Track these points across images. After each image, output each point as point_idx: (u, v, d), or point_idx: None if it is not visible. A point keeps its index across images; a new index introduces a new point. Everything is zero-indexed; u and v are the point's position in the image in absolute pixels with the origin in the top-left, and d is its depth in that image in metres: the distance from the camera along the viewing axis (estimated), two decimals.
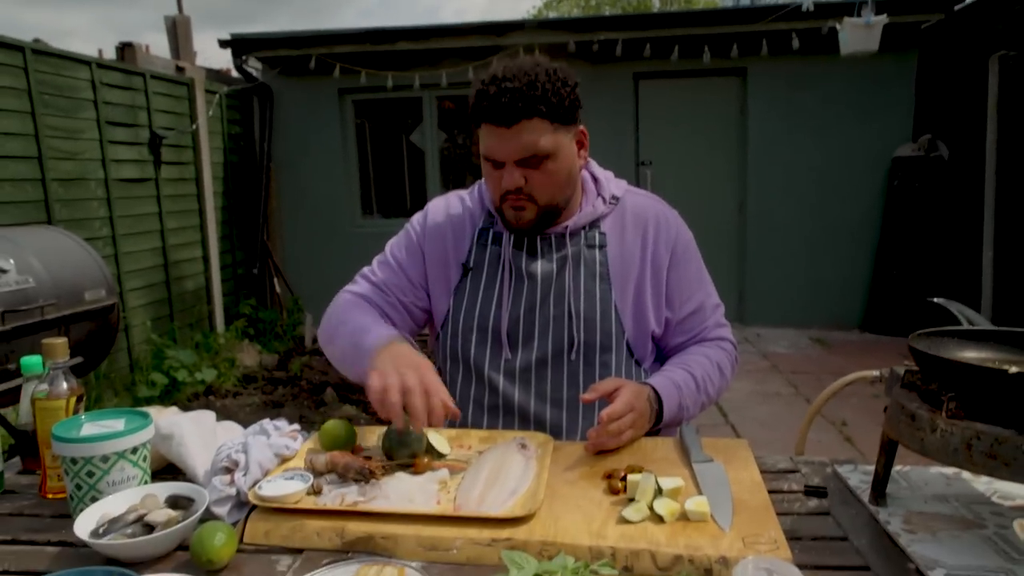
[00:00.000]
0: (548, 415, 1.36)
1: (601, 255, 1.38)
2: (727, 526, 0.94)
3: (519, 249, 1.39)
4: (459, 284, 1.41)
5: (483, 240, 1.41)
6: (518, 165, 1.27)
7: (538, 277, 1.37)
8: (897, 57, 5.66)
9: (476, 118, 1.29)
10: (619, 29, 5.89)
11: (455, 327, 1.40)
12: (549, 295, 1.36)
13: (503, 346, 1.37)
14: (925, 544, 0.94)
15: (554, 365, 1.36)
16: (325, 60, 6.05)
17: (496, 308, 1.37)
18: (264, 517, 1.00)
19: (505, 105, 1.23)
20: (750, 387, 4.40)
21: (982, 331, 1.09)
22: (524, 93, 1.23)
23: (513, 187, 1.28)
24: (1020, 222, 4.84)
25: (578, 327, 1.35)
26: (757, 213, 6.10)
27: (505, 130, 1.25)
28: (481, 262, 1.40)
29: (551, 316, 1.36)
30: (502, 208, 1.34)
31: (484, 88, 1.26)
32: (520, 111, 1.23)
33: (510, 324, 1.36)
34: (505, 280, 1.38)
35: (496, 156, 1.28)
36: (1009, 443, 0.84)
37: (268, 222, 6.52)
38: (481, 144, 1.31)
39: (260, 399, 4.59)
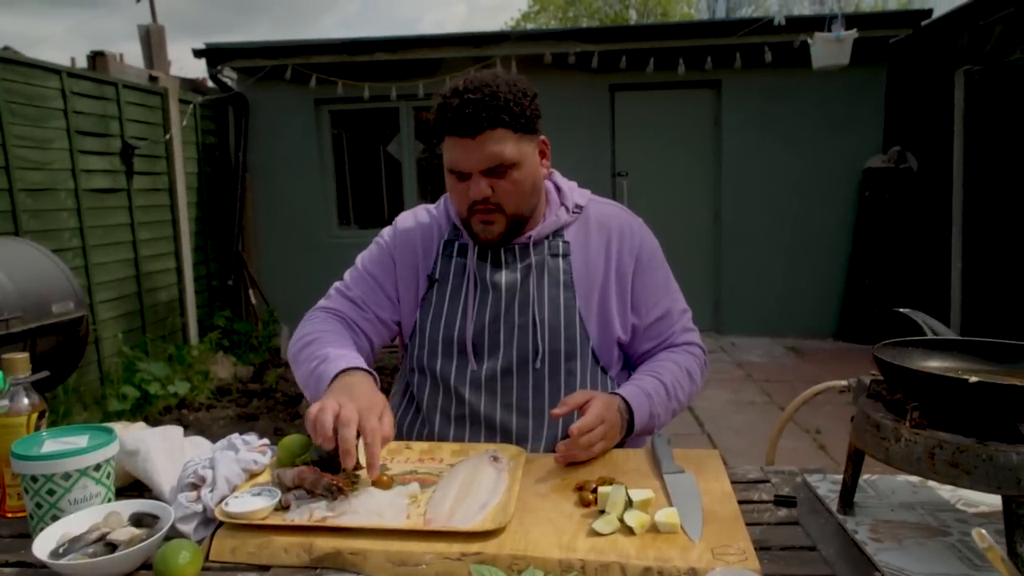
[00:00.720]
0: (515, 424, 1.35)
1: (565, 263, 1.39)
2: (697, 537, 0.94)
3: (483, 260, 1.40)
4: (425, 296, 1.42)
5: (448, 252, 1.42)
6: (484, 175, 1.29)
7: (502, 287, 1.37)
8: (867, 71, 5.77)
9: (440, 131, 1.30)
10: (595, 41, 5.94)
11: (422, 339, 1.40)
12: (513, 305, 1.37)
13: (469, 356, 1.37)
14: (891, 552, 0.95)
15: (519, 374, 1.36)
16: (301, 70, 6.03)
17: (461, 319, 1.37)
18: (231, 534, 0.98)
19: (468, 116, 1.24)
20: (725, 396, 4.43)
21: (946, 341, 1.11)
22: (487, 103, 1.25)
23: (480, 197, 1.29)
24: (987, 233, 4.95)
25: (542, 336, 1.35)
26: (732, 223, 6.17)
27: (470, 141, 1.26)
28: (447, 274, 1.41)
29: (516, 325, 1.36)
30: (470, 221, 1.35)
31: (446, 101, 1.28)
32: (483, 121, 1.25)
33: (475, 334, 1.37)
34: (470, 291, 1.38)
35: (461, 167, 1.29)
36: (970, 452, 0.85)
37: (243, 233, 6.46)
38: (445, 157, 1.32)
39: (234, 412, 4.53)
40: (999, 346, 1.06)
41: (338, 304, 1.45)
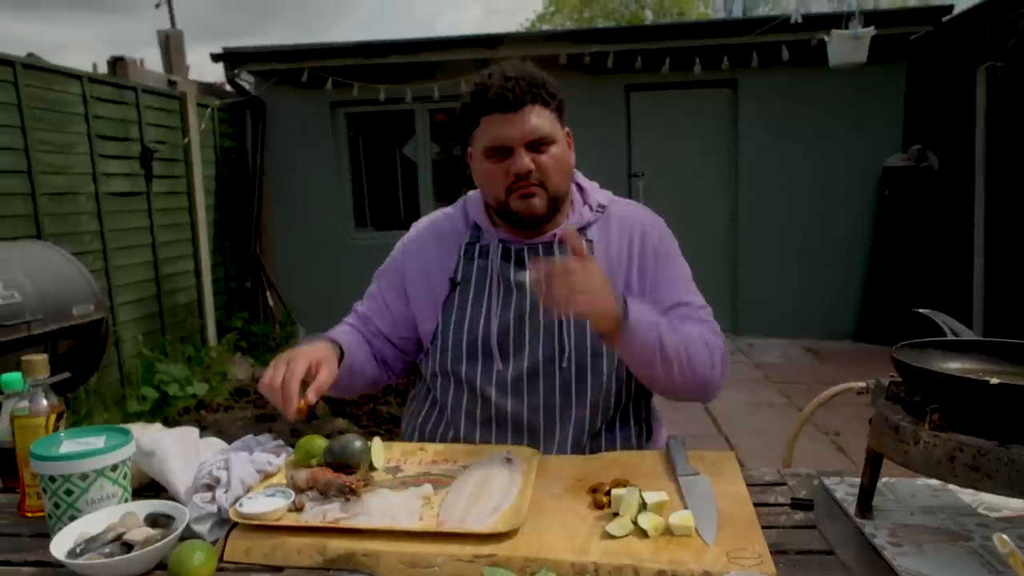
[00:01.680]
0: (542, 423, 1.35)
1: None
2: (711, 540, 0.93)
3: (507, 260, 1.39)
4: (447, 299, 1.41)
5: (470, 254, 1.42)
6: (527, 150, 1.31)
7: (526, 286, 1.37)
8: (886, 68, 5.70)
9: (477, 112, 1.32)
10: (610, 41, 5.92)
11: (445, 342, 1.39)
12: (538, 304, 1.36)
13: (494, 357, 1.36)
14: (911, 557, 0.93)
15: (546, 374, 1.35)
16: (317, 73, 6.06)
17: (485, 320, 1.37)
18: (245, 535, 0.99)
19: (511, 90, 1.28)
20: (743, 397, 4.39)
21: (966, 342, 1.09)
22: (528, 80, 1.30)
23: (524, 170, 1.30)
24: (1010, 231, 4.87)
25: (568, 334, 1.35)
26: (749, 223, 6.12)
27: (513, 115, 1.29)
28: (469, 276, 1.40)
29: (541, 325, 1.36)
30: (508, 202, 1.33)
31: (484, 83, 1.31)
32: (526, 94, 1.29)
33: (500, 335, 1.36)
34: (493, 291, 1.38)
35: (505, 142, 1.30)
36: (992, 455, 0.83)
37: (260, 235, 6.51)
38: (481, 138, 1.33)
39: (252, 413, 4.56)
40: (1019, 347, 1.04)
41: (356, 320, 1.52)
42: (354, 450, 1.13)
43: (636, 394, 1.42)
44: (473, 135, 1.35)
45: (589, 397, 1.35)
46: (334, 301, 6.07)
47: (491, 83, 1.30)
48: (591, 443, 1.36)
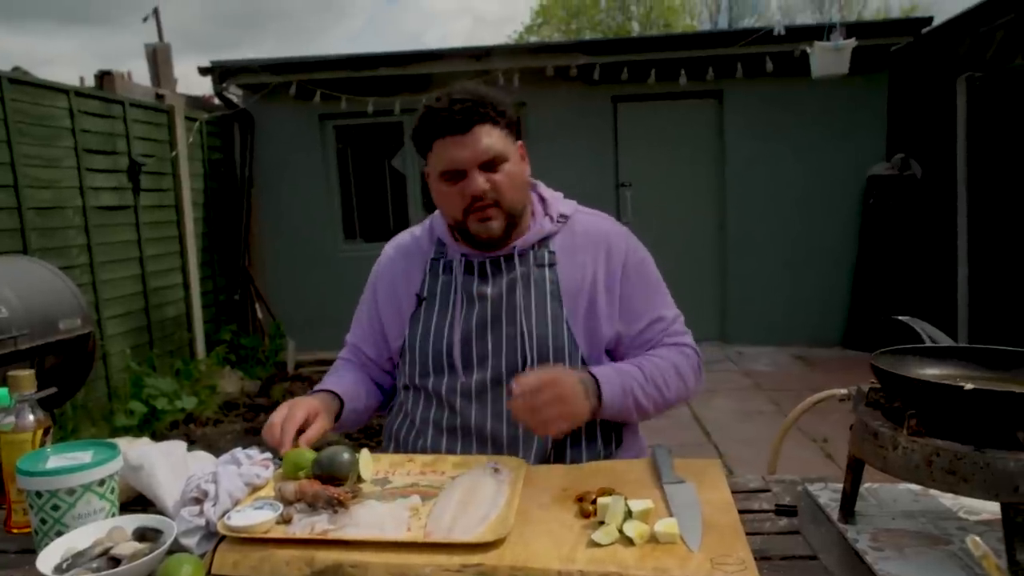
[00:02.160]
0: (505, 434, 1.36)
1: (551, 273, 1.40)
2: (696, 547, 0.94)
3: (470, 274, 1.41)
4: (414, 314, 1.44)
5: (435, 270, 1.45)
6: (480, 170, 1.32)
7: (488, 299, 1.39)
8: (869, 79, 5.78)
9: (429, 136, 1.34)
10: (597, 53, 5.97)
11: (412, 355, 1.42)
12: (500, 315, 1.38)
13: (457, 369, 1.38)
14: (892, 561, 0.95)
15: (509, 384, 1.36)
16: (306, 86, 6.08)
17: (448, 332, 1.39)
18: (233, 547, 0.99)
19: (459, 112, 1.30)
20: (732, 405, 4.42)
21: (944, 348, 1.11)
22: (475, 101, 1.32)
23: (479, 191, 1.32)
24: (993, 239, 4.93)
25: (530, 345, 1.36)
26: (737, 232, 6.17)
27: (463, 137, 1.31)
28: (434, 291, 1.44)
29: (503, 336, 1.37)
30: (466, 224, 1.36)
31: (433, 107, 1.33)
32: (474, 115, 1.31)
33: (463, 346, 1.38)
34: (457, 305, 1.40)
35: (458, 165, 1.32)
36: (967, 459, 0.85)
37: (249, 248, 6.49)
38: (435, 162, 1.35)
39: (241, 426, 4.54)
40: (997, 353, 1.06)
41: (346, 353, 1.59)
42: (342, 462, 1.13)
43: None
44: (428, 158, 1.37)
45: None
46: (323, 313, 6.11)
47: (440, 106, 1.32)
48: (555, 452, 1.37)
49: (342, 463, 1.13)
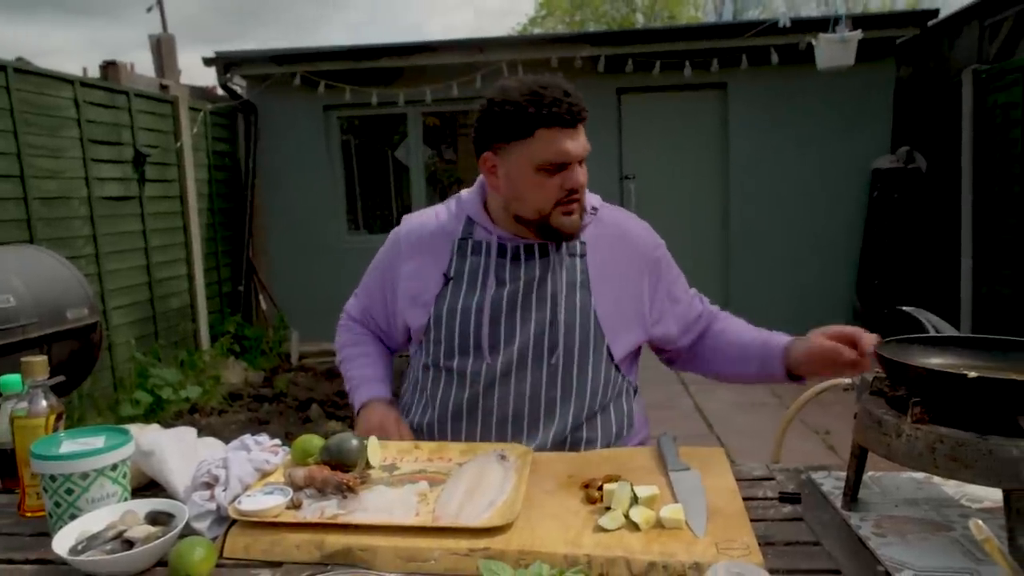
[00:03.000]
0: (527, 414, 1.38)
1: (582, 263, 1.42)
2: (701, 533, 0.95)
3: (501, 257, 1.42)
4: (440, 293, 1.43)
5: (463, 250, 1.44)
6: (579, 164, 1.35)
7: (520, 284, 1.40)
8: (874, 71, 5.76)
9: (535, 123, 1.29)
10: (601, 45, 5.96)
11: (437, 335, 1.42)
12: (531, 300, 1.39)
13: (484, 349, 1.39)
14: (894, 547, 0.96)
15: (534, 368, 1.39)
16: (309, 77, 6.08)
17: (477, 314, 1.39)
18: (244, 531, 1.00)
19: (570, 107, 1.29)
20: (734, 397, 4.43)
21: (947, 338, 1.12)
22: (577, 97, 1.32)
23: (580, 184, 1.34)
24: (996, 232, 4.92)
25: (559, 332, 1.38)
26: (741, 224, 6.16)
27: (571, 131, 1.31)
28: (462, 271, 1.43)
29: (533, 321, 1.39)
30: (550, 216, 1.35)
31: (542, 94, 1.29)
32: (582, 112, 1.32)
33: (492, 329, 1.39)
34: (488, 287, 1.40)
35: (566, 157, 1.31)
36: (970, 446, 0.86)
37: (253, 239, 6.51)
38: (536, 151, 1.30)
39: (246, 416, 4.57)
40: (1000, 342, 1.07)
41: (354, 311, 1.64)
42: (351, 448, 1.15)
43: (620, 391, 1.46)
44: (515, 144, 1.32)
45: (575, 392, 1.39)
46: (327, 304, 6.08)
47: (553, 95, 1.29)
48: (572, 436, 1.39)
49: (351, 450, 1.14)
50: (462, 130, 9.56)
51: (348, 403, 1.54)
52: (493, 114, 1.33)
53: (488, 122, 1.34)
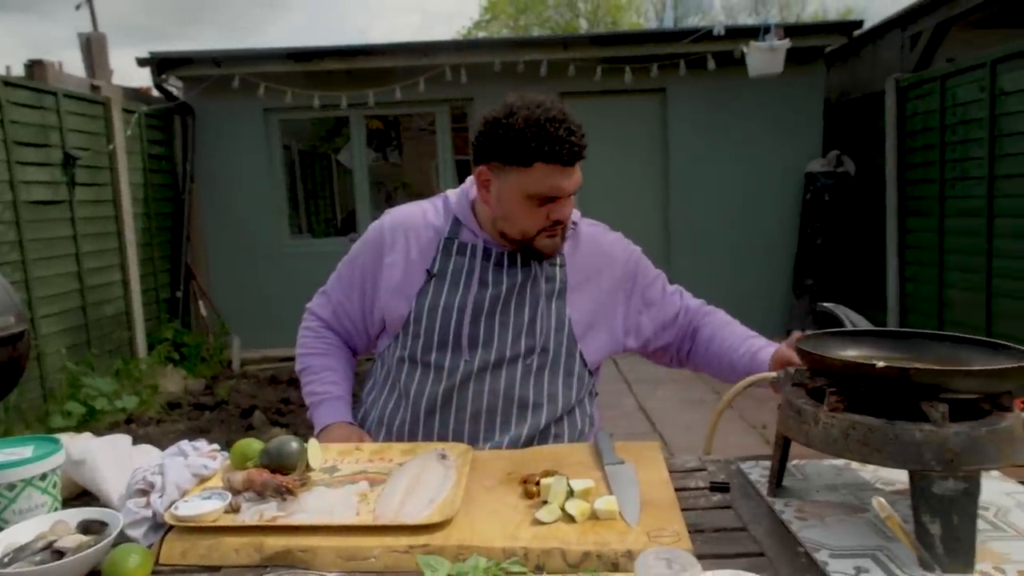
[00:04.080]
0: (499, 410, 1.41)
1: (561, 273, 1.48)
2: (634, 522, 0.99)
3: (486, 261, 1.45)
4: (422, 289, 1.46)
5: (448, 248, 1.47)
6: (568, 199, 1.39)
7: (503, 288, 1.43)
8: (805, 77, 5.99)
9: (534, 156, 1.31)
10: (543, 50, 6.03)
11: (417, 328, 1.44)
12: (510, 305, 1.44)
13: (463, 346, 1.42)
14: (814, 529, 1.01)
15: (510, 367, 1.43)
16: (249, 79, 5.97)
17: (459, 312, 1.42)
18: (181, 537, 0.99)
19: (571, 146, 1.32)
20: (677, 395, 4.54)
21: (863, 331, 1.19)
22: (580, 136, 1.33)
23: (567, 216, 1.39)
24: (919, 232, 5.18)
25: (536, 337, 1.43)
26: (681, 226, 6.32)
27: (568, 168, 1.35)
28: (446, 269, 1.46)
29: (511, 324, 1.43)
30: (534, 240, 1.40)
31: (546, 130, 1.30)
32: (580, 152, 1.34)
33: (472, 328, 1.42)
34: (472, 286, 1.43)
35: (558, 193, 1.35)
36: (879, 431, 0.92)
37: (192, 243, 6.35)
38: (530, 182, 1.33)
39: (185, 426, 4.45)
40: (910, 334, 1.15)
41: (322, 312, 1.61)
42: (291, 451, 1.15)
43: (587, 391, 1.52)
44: (511, 169, 1.34)
45: (547, 393, 1.43)
46: (269, 310, 6.02)
47: (557, 133, 1.30)
48: (542, 435, 1.42)
49: (290, 452, 1.14)
50: (407, 133, 9.52)
51: (292, 410, 1.53)
52: (496, 135, 1.34)
53: (489, 140, 1.36)
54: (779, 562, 0.94)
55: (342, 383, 1.56)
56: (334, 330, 1.61)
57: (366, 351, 1.65)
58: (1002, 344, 1.02)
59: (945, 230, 4.82)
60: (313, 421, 1.53)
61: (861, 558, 0.93)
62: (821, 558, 0.93)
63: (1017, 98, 4.09)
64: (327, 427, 1.48)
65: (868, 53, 6.17)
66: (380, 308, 1.50)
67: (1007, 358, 0.99)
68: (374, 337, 1.58)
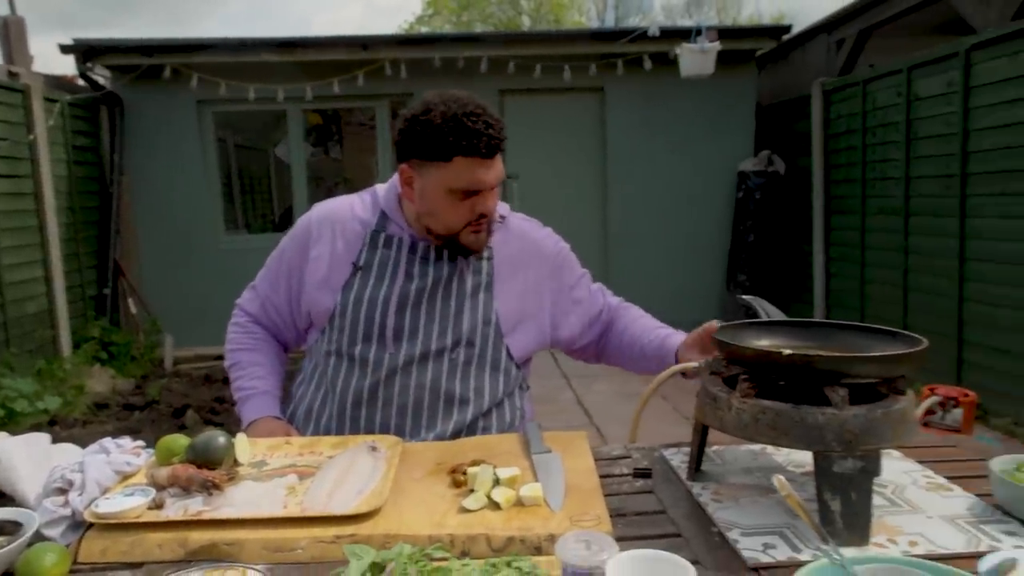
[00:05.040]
0: (426, 405, 1.42)
1: (488, 267, 1.49)
2: (557, 508, 1.02)
3: (412, 254, 1.46)
4: (348, 282, 1.45)
5: (375, 241, 1.47)
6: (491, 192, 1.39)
7: (428, 280, 1.44)
8: (738, 79, 6.17)
9: (453, 150, 1.32)
10: (483, 46, 6.04)
11: (342, 322, 1.44)
12: (436, 297, 1.44)
13: (388, 339, 1.42)
14: (729, 510, 1.07)
15: (436, 360, 1.43)
16: (181, 69, 5.79)
17: (384, 304, 1.42)
18: (101, 534, 0.98)
19: (490, 138, 1.32)
20: (613, 389, 4.63)
21: (777, 322, 1.25)
22: (499, 128, 1.35)
23: (491, 210, 1.40)
24: (843, 230, 5.41)
25: (462, 330, 1.44)
26: (619, 224, 6.43)
27: (489, 161, 1.35)
28: (372, 262, 1.46)
29: (437, 317, 1.43)
30: (460, 235, 1.40)
31: (464, 124, 1.30)
32: (501, 145, 1.36)
33: (397, 320, 1.42)
34: (397, 280, 1.44)
35: (480, 186, 1.36)
36: (786, 415, 0.98)
37: (121, 238, 6.12)
38: (451, 176, 1.34)
39: (114, 427, 4.30)
40: (821, 324, 1.21)
41: (250, 307, 1.61)
42: (218, 446, 1.14)
43: (515, 386, 1.53)
44: (432, 164, 1.34)
45: (474, 387, 1.44)
46: (203, 307, 5.87)
47: (474, 126, 1.30)
48: (470, 428, 1.44)
49: (217, 447, 1.13)
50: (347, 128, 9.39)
51: (227, 408, 1.52)
52: (414, 132, 1.35)
53: (408, 137, 1.37)
54: (695, 542, 0.99)
55: (269, 378, 1.55)
56: (263, 325, 1.60)
57: (297, 345, 1.64)
58: (899, 332, 1.09)
59: (867, 228, 5.04)
60: (240, 417, 1.52)
61: (770, 535, 0.98)
62: (733, 536, 0.98)
63: (929, 103, 4.32)
64: (254, 422, 1.48)
65: (797, 57, 6.40)
66: (306, 302, 1.50)
67: (902, 345, 1.06)
68: (303, 331, 1.57)
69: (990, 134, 3.85)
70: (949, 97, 4.13)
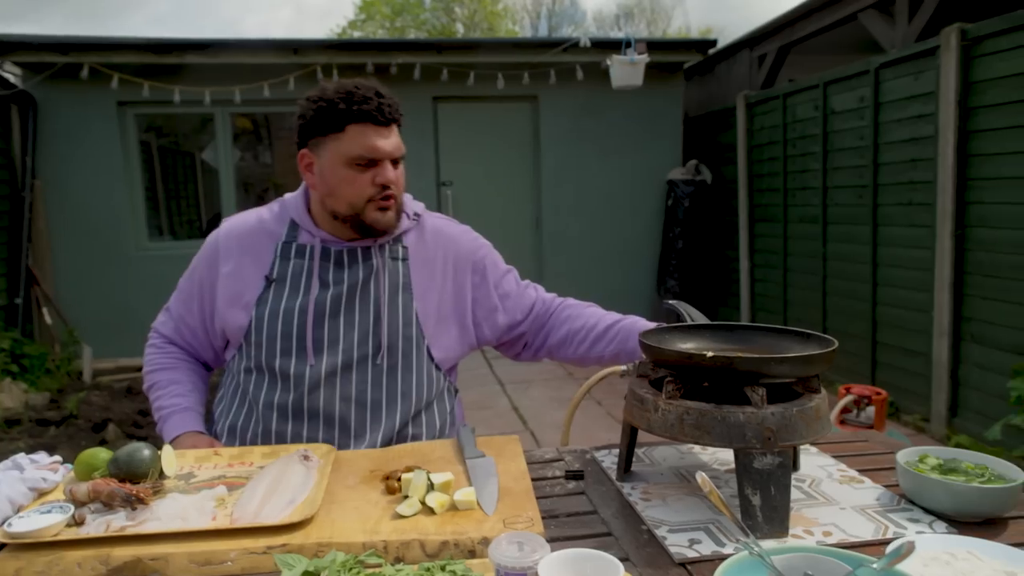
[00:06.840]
0: (353, 416, 1.40)
1: (404, 267, 1.48)
2: (491, 511, 1.04)
3: (325, 260, 1.44)
4: (261, 296, 1.43)
5: (286, 252, 1.45)
6: (391, 163, 1.39)
7: (344, 286, 1.42)
8: (666, 90, 6.36)
9: (346, 119, 1.34)
10: (416, 53, 6.03)
11: (259, 337, 1.41)
12: (354, 302, 1.42)
13: (308, 351, 1.40)
14: (656, 508, 1.10)
15: (359, 369, 1.41)
16: (100, 69, 5.56)
17: (300, 316, 1.40)
18: (15, 555, 0.94)
19: (384, 105, 1.35)
20: (548, 394, 4.67)
21: (701, 326, 1.31)
22: (391, 100, 1.37)
23: (392, 180, 1.38)
24: (766, 237, 5.62)
25: (383, 334, 1.42)
26: (551, 231, 6.51)
27: (384, 128, 1.37)
28: (285, 274, 1.43)
29: (356, 323, 1.42)
30: (365, 212, 1.39)
31: (355, 92, 1.34)
32: (396, 113, 1.38)
33: (316, 331, 1.40)
34: (312, 289, 1.42)
35: (377, 154, 1.36)
36: (709, 415, 1.02)
37: (34, 245, 5.82)
38: (347, 146, 1.35)
39: (26, 444, 4.08)
40: (740, 327, 1.27)
41: (166, 328, 1.58)
42: (142, 459, 1.10)
43: (442, 390, 1.53)
44: (328, 139, 1.36)
45: (400, 392, 1.43)
46: (125, 317, 5.64)
47: (365, 94, 1.34)
48: (399, 435, 1.43)
49: (141, 460, 1.10)
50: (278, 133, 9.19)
51: (151, 422, 1.47)
52: (309, 113, 1.38)
53: (304, 120, 1.39)
54: (624, 540, 1.02)
55: (189, 395, 1.51)
56: (178, 346, 1.56)
57: (218, 365, 1.60)
58: (813, 334, 1.15)
59: (789, 235, 5.26)
60: (162, 436, 1.48)
61: (695, 531, 1.02)
62: (661, 533, 1.02)
63: (844, 117, 4.55)
64: (177, 438, 1.44)
65: (723, 70, 6.64)
66: (220, 320, 1.46)
67: (816, 346, 1.12)
68: (220, 350, 1.54)
69: (898, 147, 4.08)
70: (861, 111, 4.36)
